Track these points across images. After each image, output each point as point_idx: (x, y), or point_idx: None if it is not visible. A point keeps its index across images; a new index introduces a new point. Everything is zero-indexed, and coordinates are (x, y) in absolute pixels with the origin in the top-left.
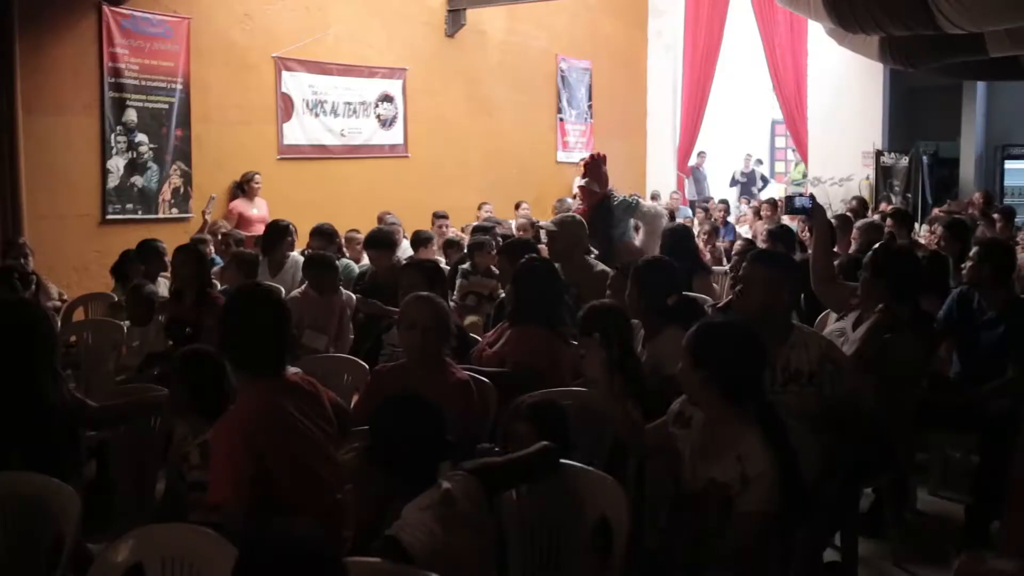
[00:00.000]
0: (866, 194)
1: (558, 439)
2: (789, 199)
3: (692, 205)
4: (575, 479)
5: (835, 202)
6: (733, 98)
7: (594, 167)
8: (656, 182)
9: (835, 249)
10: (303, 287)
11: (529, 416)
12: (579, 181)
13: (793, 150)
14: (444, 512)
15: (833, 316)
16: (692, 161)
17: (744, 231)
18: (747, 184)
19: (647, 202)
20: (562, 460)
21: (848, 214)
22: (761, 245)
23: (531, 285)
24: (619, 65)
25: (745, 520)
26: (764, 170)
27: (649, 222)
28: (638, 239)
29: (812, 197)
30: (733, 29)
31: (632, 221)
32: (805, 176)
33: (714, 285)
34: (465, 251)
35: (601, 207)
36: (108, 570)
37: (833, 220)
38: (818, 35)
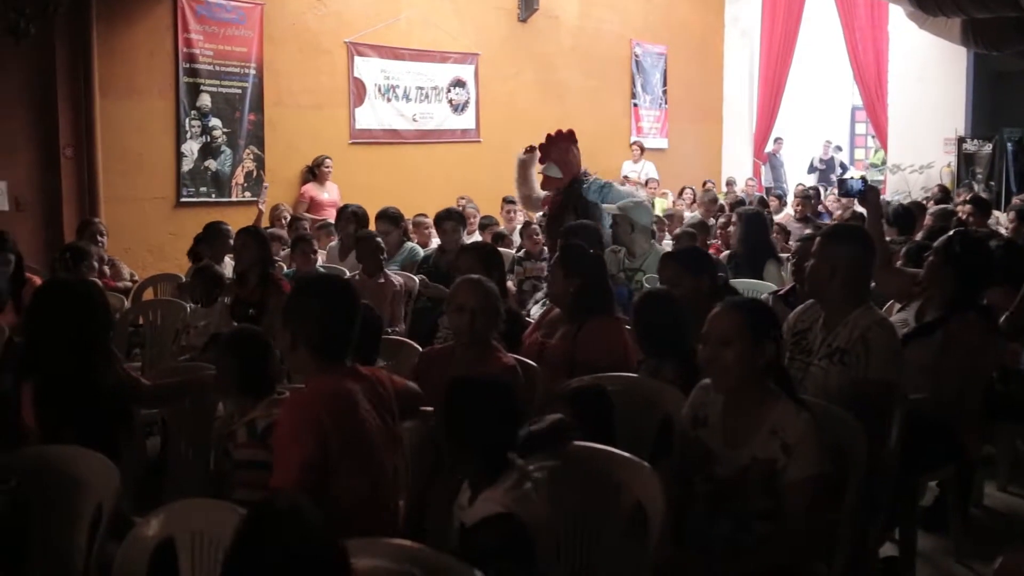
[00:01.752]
0: (947, 182)
1: (601, 424)
2: (842, 181)
3: (768, 192)
4: (610, 464)
5: (915, 190)
6: (812, 83)
7: (552, 147)
8: (732, 169)
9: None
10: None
11: (571, 401)
12: (551, 171)
13: (873, 136)
14: (530, 492)
15: (896, 306)
16: (769, 148)
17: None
18: (826, 171)
19: (622, 185)
20: (600, 446)
21: (922, 201)
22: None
23: (594, 276)
24: (695, 50)
25: (800, 487)
26: (843, 157)
27: (628, 206)
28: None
29: (864, 179)
30: (812, 13)
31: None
32: (883, 163)
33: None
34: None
35: (571, 191)
36: (140, 543)
37: (911, 206)
38: (899, 19)
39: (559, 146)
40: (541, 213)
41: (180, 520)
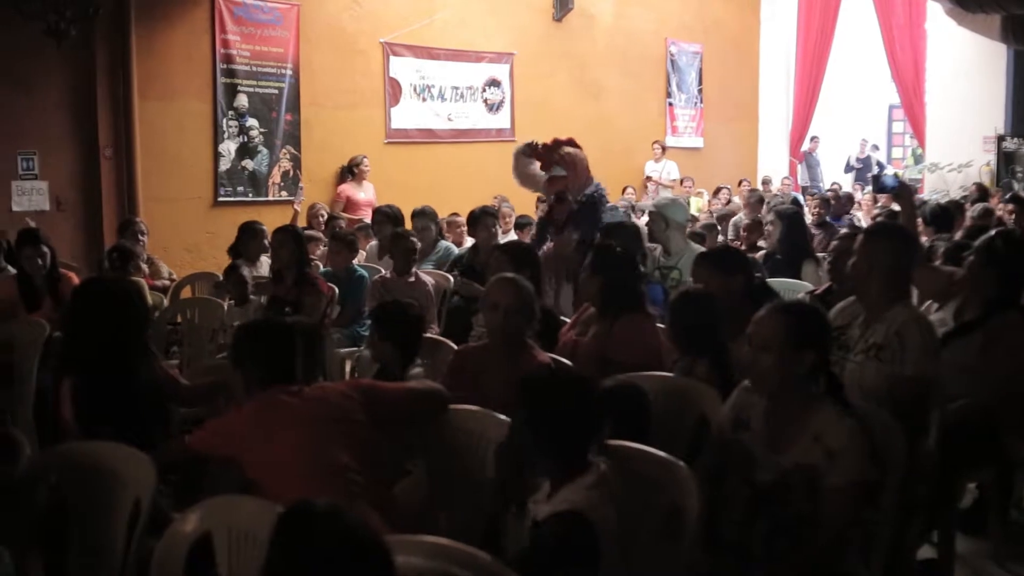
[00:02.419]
0: (986, 181)
1: (634, 424)
2: (876, 177)
3: (804, 191)
4: (646, 464)
5: (953, 189)
6: (848, 82)
7: (553, 154)
8: (768, 168)
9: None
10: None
11: (606, 400)
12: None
13: (910, 135)
14: (608, 492)
15: (934, 306)
16: (805, 146)
17: (858, 217)
18: (862, 170)
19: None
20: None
21: (960, 200)
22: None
23: (619, 274)
24: (731, 49)
25: (841, 493)
26: (880, 156)
27: (672, 214)
28: None
29: (897, 176)
30: (848, 11)
31: None
32: (918, 161)
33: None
34: None
35: (586, 204)
36: (177, 538)
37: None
38: (937, 16)
39: (555, 153)
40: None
41: (218, 516)
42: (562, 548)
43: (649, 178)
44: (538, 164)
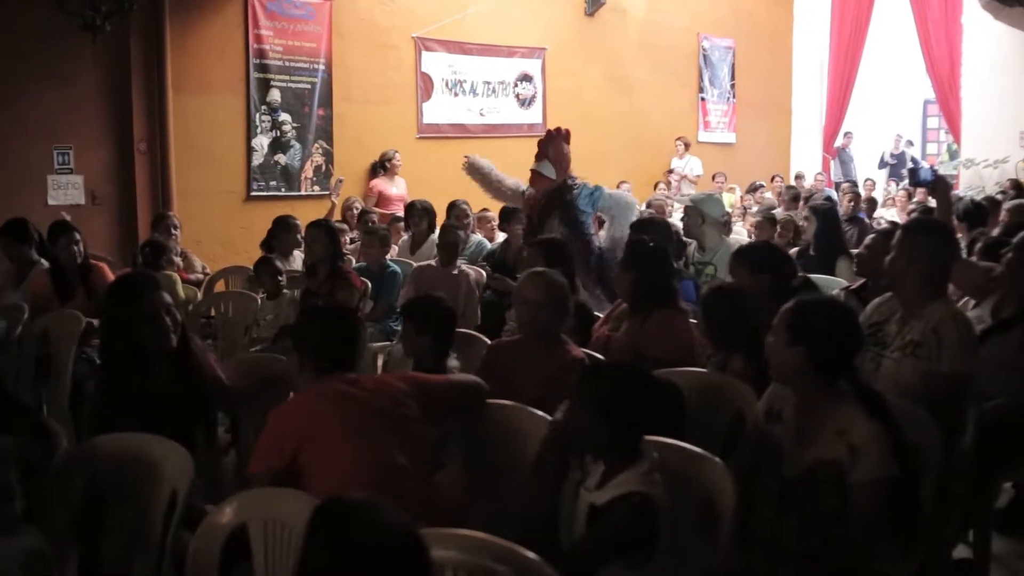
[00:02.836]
0: (1022, 177)
1: (670, 420)
2: (913, 171)
3: (837, 187)
4: (681, 459)
5: (989, 184)
6: (883, 77)
7: (549, 146)
8: (800, 163)
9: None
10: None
11: None
12: (543, 168)
13: (946, 131)
14: (660, 482)
15: (971, 303)
16: (838, 142)
17: (891, 214)
18: (896, 166)
19: (613, 190)
20: (671, 441)
21: (997, 196)
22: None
23: (651, 268)
24: (763, 43)
25: (865, 490)
26: (915, 152)
27: (620, 212)
28: (603, 232)
29: (934, 170)
30: (883, 5)
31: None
32: (953, 157)
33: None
34: None
35: (557, 196)
36: (214, 530)
37: (983, 201)
38: (974, 9)
39: (556, 144)
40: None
41: (254, 508)
42: (630, 529)
43: (672, 170)
44: (529, 172)
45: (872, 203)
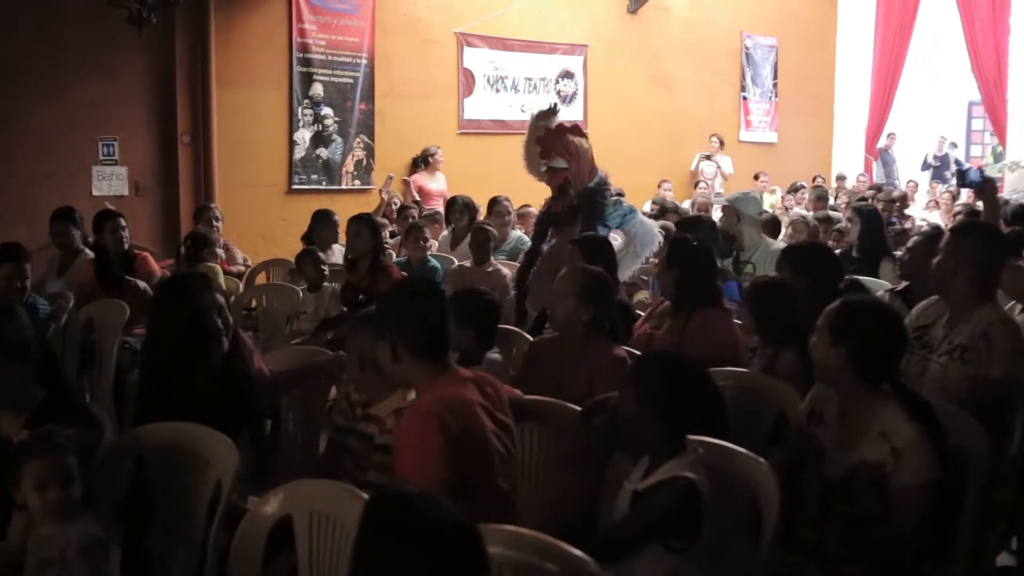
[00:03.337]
0: None
1: (717, 417)
2: (961, 172)
3: (879, 190)
4: (726, 459)
5: None
6: (927, 77)
7: (555, 142)
8: (842, 164)
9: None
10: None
11: None
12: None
13: (991, 133)
14: (702, 470)
15: (1017, 307)
16: (881, 143)
17: (934, 217)
18: (940, 168)
19: (647, 218)
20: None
21: None
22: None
23: (694, 266)
24: (807, 42)
25: (908, 494)
26: (959, 154)
27: (642, 242)
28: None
29: (982, 171)
30: (929, 4)
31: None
32: (998, 159)
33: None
34: None
35: (585, 205)
36: (258, 521)
37: None
38: (1022, 9)
39: (559, 141)
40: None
41: (299, 499)
42: (672, 511)
43: (709, 156)
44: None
45: (901, 202)
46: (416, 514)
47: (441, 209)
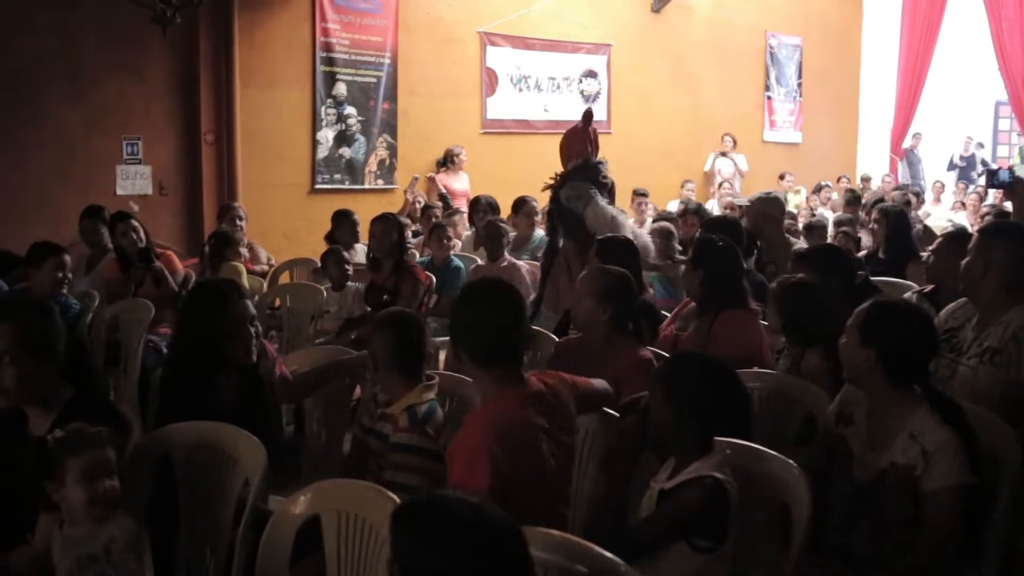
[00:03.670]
0: None
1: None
2: (991, 172)
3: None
4: (756, 461)
5: None
6: (953, 77)
7: (572, 145)
8: (867, 165)
9: None
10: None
11: None
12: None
13: (1018, 133)
14: (729, 471)
15: None
16: (907, 143)
17: (960, 218)
18: (966, 169)
19: (605, 203)
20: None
21: None
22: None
23: (720, 266)
24: (832, 42)
25: (939, 497)
26: (986, 154)
27: (602, 227)
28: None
29: (1012, 171)
30: (956, 3)
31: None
32: None
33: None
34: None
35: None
36: (286, 521)
37: None
38: None
39: (573, 142)
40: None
41: (327, 499)
42: (699, 509)
43: (724, 154)
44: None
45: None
46: (454, 518)
47: (465, 208)
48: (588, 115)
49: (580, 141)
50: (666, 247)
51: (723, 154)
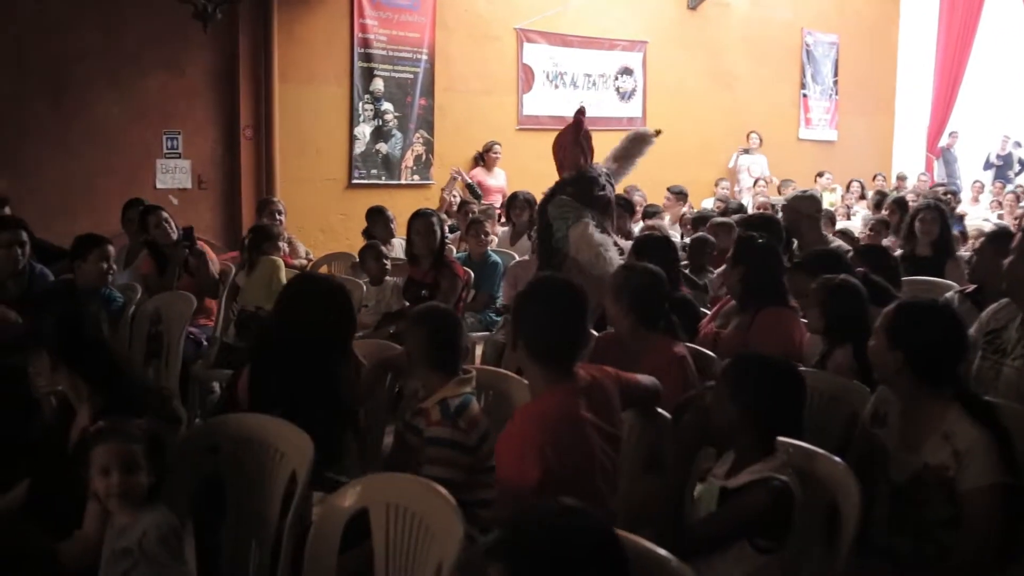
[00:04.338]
0: None
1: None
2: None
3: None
4: (806, 460)
5: None
6: (991, 75)
7: (566, 156)
8: (903, 163)
9: None
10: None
11: None
12: None
13: None
14: (793, 476)
15: None
16: (943, 142)
17: (994, 217)
18: (1003, 168)
19: (591, 235)
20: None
21: None
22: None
23: (761, 264)
24: (868, 39)
25: (975, 497)
26: (1023, 153)
27: (586, 264)
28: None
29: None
30: (994, 1)
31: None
32: None
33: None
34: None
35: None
36: (335, 513)
37: None
38: None
39: (564, 148)
40: None
41: (376, 492)
42: (765, 511)
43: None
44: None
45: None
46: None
47: (498, 205)
48: (580, 115)
49: (572, 147)
50: None
51: (746, 151)
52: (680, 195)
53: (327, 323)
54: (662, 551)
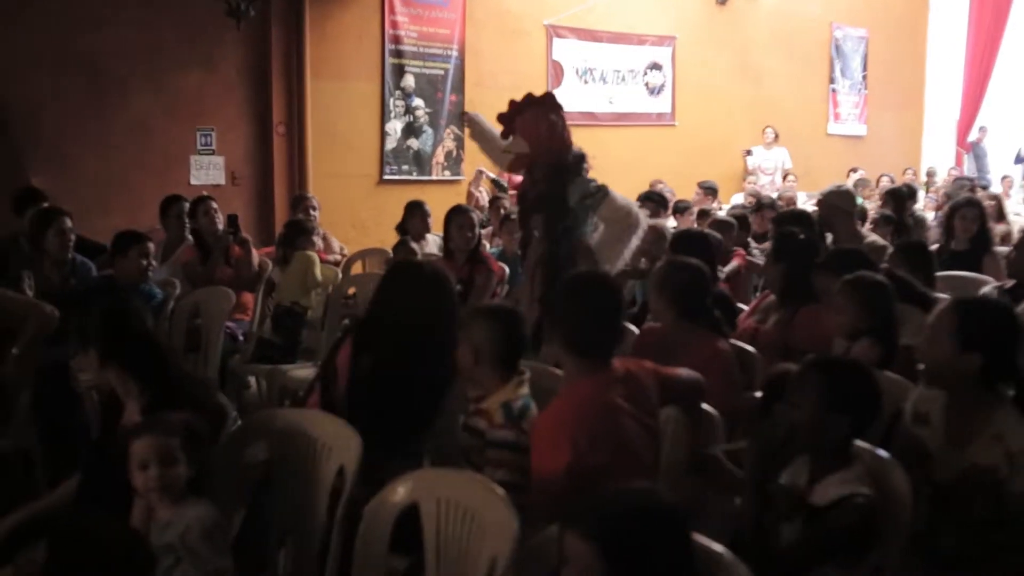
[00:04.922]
0: None
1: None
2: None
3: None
4: (878, 466)
5: None
6: (1021, 69)
7: (516, 117)
8: (932, 158)
9: None
10: None
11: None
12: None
13: None
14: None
15: None
16: (972, 136)
17: None
18: None
19: (619, 196)
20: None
21: None
22: None
23: (802, 261)
24: (897, 33)
25: None
26: None
27: (617, 222)
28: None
29: None
30: None
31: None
32: None
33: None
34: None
35: (552, 185)
36: (385, 507)
37: None
38: None
39: (524, 116)
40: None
41: (427, 487)
42: (854, 530)
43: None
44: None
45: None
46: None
47: None
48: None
49: (560, 126)
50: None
51: (749, 152)
52: (710, 190)
53: (435, 310)
54: (716, 545)
